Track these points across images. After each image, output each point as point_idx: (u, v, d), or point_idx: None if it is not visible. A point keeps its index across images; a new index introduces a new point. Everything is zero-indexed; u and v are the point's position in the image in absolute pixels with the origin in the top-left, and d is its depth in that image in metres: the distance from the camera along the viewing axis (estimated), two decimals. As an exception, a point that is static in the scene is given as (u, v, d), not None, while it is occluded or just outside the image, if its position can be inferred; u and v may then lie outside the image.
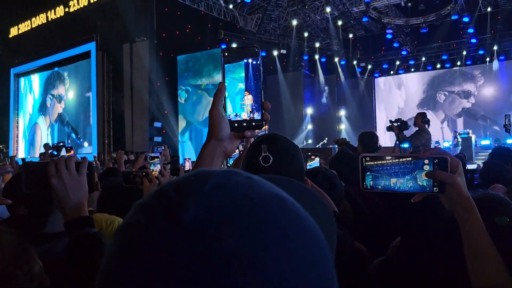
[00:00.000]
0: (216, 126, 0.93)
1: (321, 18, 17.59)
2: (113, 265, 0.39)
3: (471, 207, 0.95)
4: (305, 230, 0.40)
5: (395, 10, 17.08)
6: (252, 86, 0.96)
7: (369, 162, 1.02)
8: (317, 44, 18.69)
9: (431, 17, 16.30)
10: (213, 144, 0.95)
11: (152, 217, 0.39)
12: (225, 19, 17.36)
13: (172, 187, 0.41)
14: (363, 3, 15.86)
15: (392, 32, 17.32)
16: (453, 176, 0.94)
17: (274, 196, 0.41)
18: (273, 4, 16.60)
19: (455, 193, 0.95)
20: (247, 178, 0.43)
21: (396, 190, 1.00)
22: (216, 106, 0.93)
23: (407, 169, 0.98)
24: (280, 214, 0.39)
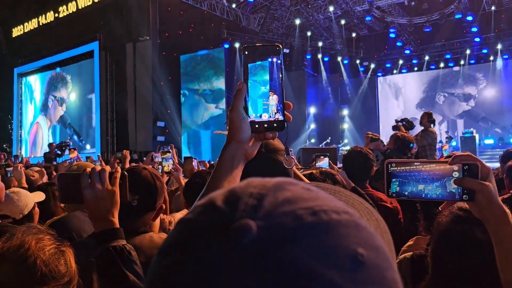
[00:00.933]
0: (237, 128, 0.90)
1: (324, 17, 17.57)
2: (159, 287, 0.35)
3: (504, 215, 0.91)
4: (377, 251, 0.36)
5: (399, 9, 17.04)
6: (275, 85, 0.92)
7: (395, 168, 0.98)
8: (320, 43, 18.68)
9: (434, 16, 16.27)
10: (233, 146, 0.91)
11: (204, 237, 0.35)
12: (228, 18, 17.37)
13: (223, 200, 0.37)
14: (366, 2, 15.86)
15: (395, 31, 17.30)
16: (483, 183, 0.90)
17: (342, 212, 0.36)
18: (276, 3, 16.60)
19: (486, 201, 0.90)
20: (307, 190, 0.38)
21: (423, 198, 0.97)
22: (237, 107, 0.89)
23: (435, 176, 0.95)
24: (350, 232, 0.35)
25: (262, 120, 0.92)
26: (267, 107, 0.93)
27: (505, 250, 0.90)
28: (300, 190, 0.37)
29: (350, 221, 0.36)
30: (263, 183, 0.38)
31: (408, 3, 15.76)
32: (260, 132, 0.92)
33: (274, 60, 0.92)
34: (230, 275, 0.32)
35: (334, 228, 0.34)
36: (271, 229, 0.33)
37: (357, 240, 0.34)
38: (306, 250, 0.32)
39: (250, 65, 0.94)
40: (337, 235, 0.34)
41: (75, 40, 17.66)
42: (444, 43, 18.25)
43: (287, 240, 0.33)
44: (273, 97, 0.92)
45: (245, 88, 0.91)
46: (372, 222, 0.50)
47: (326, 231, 0.34)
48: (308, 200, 0.36)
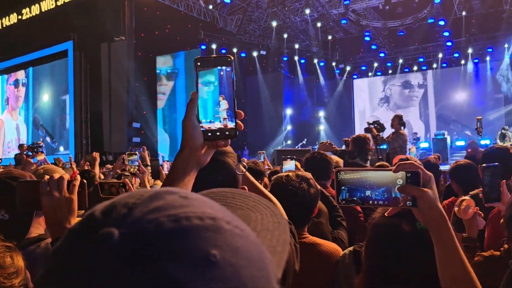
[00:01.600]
0: (189, 136, 0.94)
1: (300, 20, 17.71)
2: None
3: (443, 219, 0.96)
4: (236, 251, 0.39)
5: (373, 12, 17.32)
6: (226, 93, 0.96)
7: (344, 175, 1.01)
8: (296, 45, 18.82)
9: (408, 20, 16.60)
10: (186, 154, 0.95)
11: (75, 243, 0.38)
12: (205, 19, 17.31)
13: (102, 210, 0.40)
14: (342, 6, 16.05)
15: (370, 34, 17.57)
16: (422, 190, 0.95)
17: (206, 217, 0.39)
18: (253, 5, 16.64)
19: (426, 206, 0.95)
20: (184, 198, 0.41)
21: (371, 204, 1.00)
22: (189, 116, 0.94)
23: (381, 183, 0.98)
24: (208, 236, 0.38)
25: (215, 128, 0.95)
26: (219, 116, 0.96)
27: (444, 249, 0.96)
28: (175, 199, 0.41)
29: (212, 225, 0.39)
30: (142, 193, 0.41)
31: (382, 7, 16.03)
32: (213, 140, 0.95)
33: (223, 69, 0.96)
34: (95, 278, 0.34)
35: (192, 232, 0.37)
36: (132, 235, 0.36)
37: (213, 243, 0.37)
38: (162, 254, 0.35)
39: (202, 74, 0.97)
40: (193, 239, 0.37)
41: (48, 40, 17.30)
42: (417, 46, 18.65)
43: (145, 245, 0.36)
44: (223, 102, 0.95)
45: (197, 98, 0.95)
46: (272, 223, 0.54)
47: (183, 236, 0.37)
48: (177, 208, 0.39)
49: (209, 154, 0.98)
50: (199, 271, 0.35)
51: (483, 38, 17.15)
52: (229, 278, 0.36)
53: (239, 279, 0.37)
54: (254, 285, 0.38)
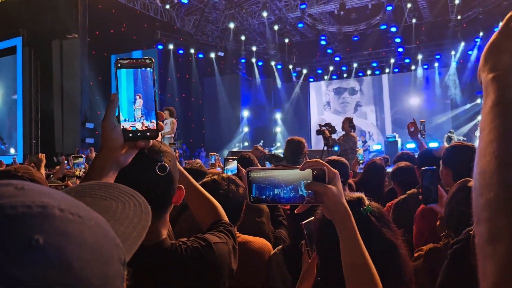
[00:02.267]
0: (108, 137, 0.95)
1: (258, 22, 17.85)
2: None
3: (347, 216, 1.00)
4: (66, 235, 0.40)
5: (329, 17, 17.72)
6: (143, 92, 0.97)
7: (255, 175, 1.03)
8: (254, 48, 18.93)
9: (362, 25, 17.11)
10: (104, 154, 0.96)
11: None
12: (162, 19, 17.09)
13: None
14: (298, 10, 16.31)
15: (326, 38, 17.95)
16: (327, 186, 0.98)
17: (36, 206, 0.41)
18: (210, 6, 16.60)
19: (331, 202, 0.99)
20: (18, 189, 0.42)
21: (280, 202, 1.02)
22: (108, 117, 0.95)
23: (290, 181, 1.01)
24: (34, 222, 0.39)
25: (136, 129, 0.97)
26: (139, 107, 0.98)
27: (347, 240, 1.01)
28: (9, 190, 0.42)
29: (40, 212, 0.40)
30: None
31: (337, 13, 16.43)
32: (133, 140, 0.97)
33: (143, 71, 0.97)
34: None
35: (15, 220, 0.39)
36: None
37: (38, 229, 0.39)
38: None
39: (123, 76, 0.98)
40: (15, 226, 0.38)
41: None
42: (371, 51, 19.27)
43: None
44: (139, 101, 0.97)
45: (117, 99, 0.96)
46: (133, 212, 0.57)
47: (3, 224, 0.38)
48: (6, 198, 0.40)
49: (131, 154, 0.99)
50: (17, 255, 0.36)
51: (432, 45, 17.96)
52: (51, 260, 0.38)
53: (65, 261, 0.39)
54: (83, 267, 0.40)
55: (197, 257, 1.17)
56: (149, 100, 0.97)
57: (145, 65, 0.98)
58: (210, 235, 1.24)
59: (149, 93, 0.97)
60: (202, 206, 1.40)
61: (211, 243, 1.20)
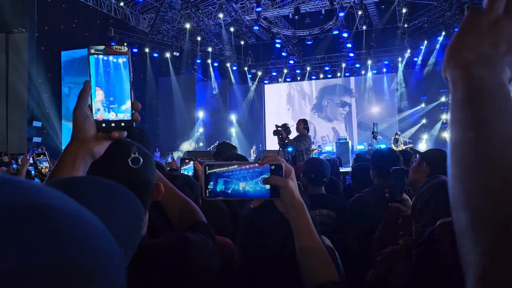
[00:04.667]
0: (79, 127, 0.90)
1: (214, 24, 17.89)
2: None
3: (302, 208, 1.03)
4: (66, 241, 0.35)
5: (284, 21, 18.07)
6: (116, 81, 0.93)
7: (212, 170, 1.02)
8: (209, 49, 18.95)
9: (315, 30, 17.58)
10: (76, 146, 0.91)
11: None
12: (116, 16, 16.73)
13: None
14: (254, 12, 16.51)
15: (280, 41, 18.29)
16: (285, 179, 1.01)
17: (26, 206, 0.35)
18: (166, 5, 16.45)
19: (288, 196, 1.01)
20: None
21: (236, 197, 1.03)
22: (80, 106, 0.90)
23: (246, 176, 1.02)
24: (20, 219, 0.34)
25: (109, 119, 0.93)
26: (114, 106, 0.93)
27: (302, 235, 1.05)
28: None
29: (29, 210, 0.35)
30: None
31: (292, 17, 16.79)
32: (107, 131, 0.93)
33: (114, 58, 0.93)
34: None
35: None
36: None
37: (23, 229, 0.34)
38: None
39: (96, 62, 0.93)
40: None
41: None
42: (323, 55, 19.84)
43: None
44: (99, 93, 0.92)
45: (90, 87, 0.91)
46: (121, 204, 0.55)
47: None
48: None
49: (104, 146, 0.95)
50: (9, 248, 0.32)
51: (380, 51, 18.77)
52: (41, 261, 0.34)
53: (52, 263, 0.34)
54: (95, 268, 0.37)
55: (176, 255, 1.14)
56: (124, 90, 0.94)
57: (120, 52, 0.93)
58: (190, 235, 1.22)
59: (123, 83, 0.93)
60: (179, 206, 1.37)
61: (191, 241, 1.18)
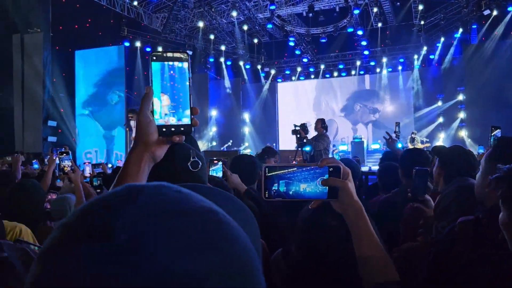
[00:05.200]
0: (144, 131, 0.93)
1: (227, 22, 17.83)
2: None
3: (361, 209, 1.05)
4: (237, 242, 0.40)
5: (298, 19, 17.94)
6: (168, 87, 0.95)
7: (271, 172, 1.05)
8: (223, 47, 18.88)
9: (329, 28, 17.40)
10: (140, 149, 0.93)
11: (78, 238, 0.36)
12: (129, 15, 16.76)
13: (99, 204, 0.39)
14: (268, 10, 16.41)
15: (294, 40, 18.15)
16: (344, 181, 1.03)
17: (206, 210, 0.41)
18: (179, 4, 16.42)
19: (347, 197, 1.03)
20: (177, 192, 0.42)
21: (295, 198, 1.05)
22: (144, 111, 0.93)
23: (305, 178, 1.05)
24: (212, 227, 0.39)
25: (170, 123, 0.95)
26: (174, 111, 0.96)
27: (361, 236, 1.05)
28: (172, 193, 0.42)
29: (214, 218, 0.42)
30: (139, 186, 0.42)
31: (306, 15, 16.64)
32: (167, 135, 0.95)
33: (176, 64, 0.96)
34: (105, 270, 0.34)
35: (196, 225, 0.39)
36: (140, 227, 0.36)
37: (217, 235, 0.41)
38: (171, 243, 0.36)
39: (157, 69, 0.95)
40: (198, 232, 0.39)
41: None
42: (337, 53, 19.65)
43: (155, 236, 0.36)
44: (164, 98, 0.95)
45: (152, 92, 0.93)
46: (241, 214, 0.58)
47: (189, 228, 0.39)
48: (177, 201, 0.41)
49: (164, 149, 0.97)
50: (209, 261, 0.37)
51: (396, 49, 18.51)
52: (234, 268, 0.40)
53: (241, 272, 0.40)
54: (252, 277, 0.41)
55: None
56: (184, 95, 0.96)
57: (180, 59, 0.97)
58: None
59: (183, 88, 0.97)
60: None
61: None
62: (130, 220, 0.37)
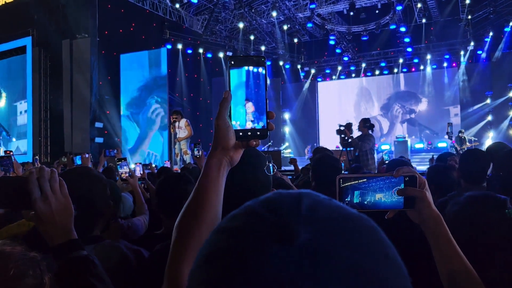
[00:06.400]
0: (223, 136, 0.93)
1: (267, 22, 17.84)
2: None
3: (440, 219, 1.03)
4: (389, 245, 0.42)
5: (338, 17, 17.70)
6: (253, 94, 0.95)
7: (345, 183, 1.05)
8: (263, 47, 18.92)
9: (371, 25, 17.06)
10: (219, 154, 0.94)
11: (258, 243, 0.38)
12: (171, 18, 17.11)
13: (265, 208, 0.41)
14: (308, 9, 16.29)
15: (334, 38, 17.93)
16: (422, 191, 1.02)
17: (359, 215, 0.43)
18: (219, 6, 16.59)
19: (425, 206, 1.02)
20: (328, 200, 0.44)
21: (370, 208, 1.04)
22: (222, 116, 0.93)
23: (380, 188, 1.04)
24: (373, 231, 0.42)
25: (246, 128, 0.96)
26: (249, 116, 0.97)
27: (442, 246, 1.02)
28: (324, 199, 0.44)
29: (371, 222, 0.44)
30: (296, 192, 0.44)
31: (347, 12, 16.39)
32: (244, 140, 0.95)
33: (254, 69, 0.95)
34: (290, 275, 0.35)
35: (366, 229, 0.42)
36: (317, 231, 0.38)
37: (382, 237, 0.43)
38: (350, 245, 0.38)
39: (234, 73, 0.96)
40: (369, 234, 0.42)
41: (4, 35, 16.53)
42: (379, 51, 19.23)
43: (333, 239, 0.38)
44: (248, 105, 0.95)
45: (230, 97, 0.94)
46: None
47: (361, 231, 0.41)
48: (337, 206, 0.43)
49: (240, 154, 0.98)
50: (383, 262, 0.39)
51: (441, 45, 17.90)
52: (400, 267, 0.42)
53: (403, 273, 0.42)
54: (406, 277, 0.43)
55: None
56: (260, 100, 0.96)
57: (258, 63, 0.96)
58: None
59: (260, 93, 0.96)
60: None
61: None
62: (304, 227, 0.38)
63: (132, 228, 2.55)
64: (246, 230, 0.40)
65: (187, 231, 0.90)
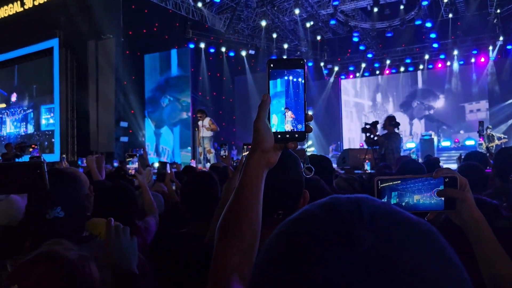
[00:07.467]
0: (262, 138, 0.94)
1: (289, 20, 17.75)
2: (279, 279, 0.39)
3: (483, 221, 1.01)
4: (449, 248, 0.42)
5: (362, 14, 17.45)
6: (292, 101, 0.96)
7: (383, 184, 1.05)
8: (285, 45, 18.85)
9: (396, 21, 16.75)
10: (258, 155, 0.95)
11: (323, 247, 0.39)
12: (194, 18, 17.22)
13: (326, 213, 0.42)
14: (331, 6, 16.13)
15: (358, 35, 17.70)
16: (463, 192, 1.01)
17: (417, 219, 0.43)
18: (242, 5, 16.60)
19: (467, 208, 1.01)
20: (386, 204, 0.45)
21: (410, 210, 1.01)
22: (262, 118, 0.94)
23: (419, 189, 1.03)
24: (432, 236, 0.42)
25: (284, 130, 0.97)
26: (289, 119, 0.97)
27: (486, 248, 1.00)
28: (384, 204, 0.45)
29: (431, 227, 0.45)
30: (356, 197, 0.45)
31: (371, 9, 16.16)
32: (282, 142, 0.97)
33: (293, 74, 0.96)
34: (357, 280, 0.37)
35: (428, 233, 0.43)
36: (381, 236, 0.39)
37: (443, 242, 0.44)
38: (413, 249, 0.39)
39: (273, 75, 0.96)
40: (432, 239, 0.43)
41: (33, 37, 16.96)
42: (404, 48, 18.84)
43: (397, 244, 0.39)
44: (288, 113, 0.96)
45: (269, 100, 0.95)
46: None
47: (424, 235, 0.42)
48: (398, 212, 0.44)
49: (278, 156, 0.99)
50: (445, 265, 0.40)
51: (468, 40, 17.43)
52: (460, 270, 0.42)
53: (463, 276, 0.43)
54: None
55: None
56: (299, 103, 0.96)
57: (297, 65, 0.96)
58: None
59: (299, 96, 0.96)
60: None
61: None
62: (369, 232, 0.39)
63: (148, 229, 2.58)
64: (310, 235, 0.41)
65: (231, 232, 0.92)
